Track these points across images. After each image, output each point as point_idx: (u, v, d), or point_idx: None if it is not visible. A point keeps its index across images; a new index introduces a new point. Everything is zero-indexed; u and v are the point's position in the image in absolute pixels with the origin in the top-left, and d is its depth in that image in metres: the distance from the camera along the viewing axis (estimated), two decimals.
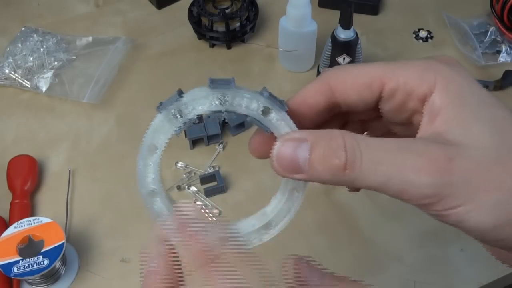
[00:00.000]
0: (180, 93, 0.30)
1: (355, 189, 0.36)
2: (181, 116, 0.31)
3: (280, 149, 0.28)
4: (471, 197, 0.26)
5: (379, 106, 0.31)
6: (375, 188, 0.27)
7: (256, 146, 0.31)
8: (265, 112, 0.29)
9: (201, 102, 0.30)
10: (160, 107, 0.31)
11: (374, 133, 0.34)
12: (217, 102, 0.30)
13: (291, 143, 0.27)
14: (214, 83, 0.30)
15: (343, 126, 0.34)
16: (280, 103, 0.29)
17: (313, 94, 0.31)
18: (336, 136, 0.27)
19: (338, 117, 0.32)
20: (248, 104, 0.29)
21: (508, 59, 0.67)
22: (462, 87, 0.28)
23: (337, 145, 0.27)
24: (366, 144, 0.27)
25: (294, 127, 0.29)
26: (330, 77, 0.31)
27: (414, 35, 0.72)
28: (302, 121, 0.31)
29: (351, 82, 0.30)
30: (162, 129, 0.32)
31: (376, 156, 0.26)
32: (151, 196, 0.32)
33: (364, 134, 0.34)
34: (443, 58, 0.30)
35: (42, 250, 0.46)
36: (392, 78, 0.29)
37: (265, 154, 0.29)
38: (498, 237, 0.27)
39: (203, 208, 0.54)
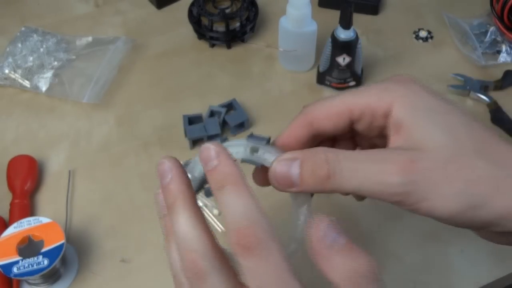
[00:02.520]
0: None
1: (360, 198, 0.42)
2: None
3: (276, 168, 0.33)
4: (433, 191, 0.31)
5: (354, 128, 0.36)
6: (355, 192, 0.33)
7: (257, 179, 0.37)
8: (253, 150, 0.35)
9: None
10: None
11: (362, 147, 0.40)
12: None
13: (285, 162, 0.33)
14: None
15: (334, 144, 0.40)
16: (265, 141, 0.35)
17: (297, 129, 0.37)
18: (320, 153, 0.33)
19: (325, 141, 0.39)
20: (237, 150, 0.35)
21: (508, 59, 0.68)
22: (416, 101, 0.34)
23: (321, 160, 0.33)
24: (344, 157, 0.33)
25: (280, 153, 0.34)
26: (307, 112, 0.37)
27: (414, 35, 0.72)
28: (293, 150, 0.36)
29: (324, 115, 0.36)
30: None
31: (352, 166, 0.32)
32: None
33: (357, 149, 0.40)
34: (399, 78, 0.35)
35: (42, 250, 0.46)
36: (356, 105, 0.35)
37: (266, 183, 0.35)
38: (463, 220, 0.32)
39: (203, 209, 0.54)
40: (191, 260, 0.30)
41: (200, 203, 0.55)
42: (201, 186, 0.36)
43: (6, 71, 0.65)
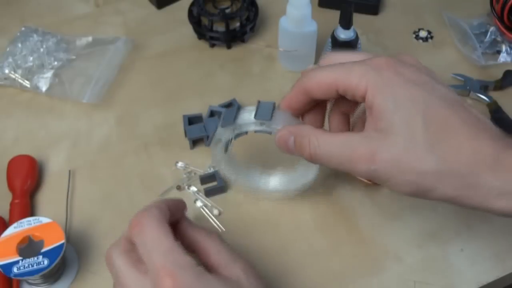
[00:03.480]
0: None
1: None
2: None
3: (279, 139, 0.46)
4: (391, 178, 0.40)
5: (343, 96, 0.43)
6: (334, 169, 0.43)
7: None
8: (262, 124, 0.49)
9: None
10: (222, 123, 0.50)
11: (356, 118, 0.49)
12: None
13: (284, 136, 0.45)
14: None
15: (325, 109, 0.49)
16: (272, 105, 0.48)
17: (295, 95, 0.46)
18: (305, 136, 0.43)
19: (320, 104, 0.48)
20: (250, 127, 0.50)
21: (508, 59, 0.68)
22: (386, 91, 0.39)
23: (304, 143, 0.43)
24: (323, 141, 0.42)
25: (281, 123, 0.47)
26: (303, 82, 0.45)
27: (414, 35, 0.72)
28: (294, 112, 0.47)
29: (316, 86, 0.44)
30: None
31: (328, 152, 0.42)
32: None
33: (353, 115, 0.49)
34: (380, 63, 0.41)
35: (42, 250, 0.46)
36: (340, 84, 0.42)
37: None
38: (419, 197, 0.40)
39: (203, 209, 0.54)
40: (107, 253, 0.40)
41: (200, 203, 0.55)
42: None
43: (6, 71, 0.65)
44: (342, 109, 0.49)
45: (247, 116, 0.49)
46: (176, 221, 0.41)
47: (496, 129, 0.40)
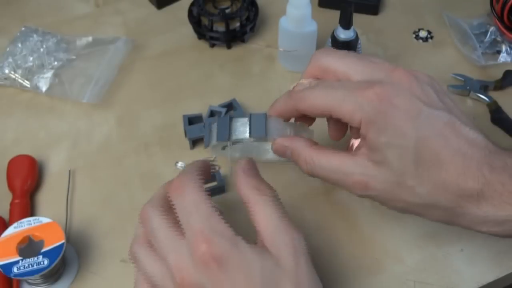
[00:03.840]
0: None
1: None
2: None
3: (277, 150, 0.48)
4: (384, 202, 0.44)
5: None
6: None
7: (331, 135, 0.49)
8: (256, 140, 0.48)
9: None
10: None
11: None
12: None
13: (280, 149, 0.47)
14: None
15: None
16: (264, 116, 0.48)
17: (284, 110, 0.47)
18: (300, 155, 0.45)
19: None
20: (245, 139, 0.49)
21: (508, 59, 0.68)
22: (378, 124, 0.40)
23: (300, 162, 0.45)
24: (318, 161, 0.44)
25: (276, 135, 0.47)
26: (296, 103, 0.45)
27: (414, 35, 0.72)
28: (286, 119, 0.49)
29: (309, 108, 0.44)
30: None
31: (323, 174, 0.44)
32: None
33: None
34: (371, 96, 0.40)
35: (42, 250, 0.46)
36: (333, 112, 0.42)
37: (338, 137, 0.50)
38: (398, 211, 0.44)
39: None
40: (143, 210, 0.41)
41: None
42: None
43: (6, 71, 0.65)
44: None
45: (241, 129, 0.48)
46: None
47: (488, 145, 0.41)
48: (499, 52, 0.68)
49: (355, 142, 0.50)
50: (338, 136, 0.49)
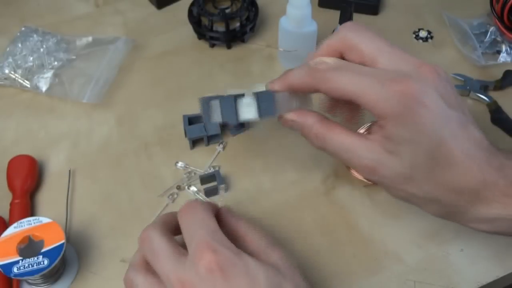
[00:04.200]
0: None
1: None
2: None
3: (286, 122, 0.47)
4: (388, 188, 0.44)
5: None
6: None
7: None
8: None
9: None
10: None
11: None
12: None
13: (288, 123, 0.47)
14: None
15: None
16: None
17: (301, 86, 0.46)
18: (310, 130, 0.45)
19: None
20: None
21: (508, 59, 0.68)
22: (401, 119, 0.40)
23: (311, 137, 0.45)
24: (329, 139, 0.44)
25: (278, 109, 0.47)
26: (317, 82, 0.44)
27: (414, 35, 0.72)
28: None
29: (331, 91, 0.43)
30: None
31: (333, 151, 0.44)
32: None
33: None
34: (404, 89, 0.39)
35: (42, 250, 0.46)
36: (358, 99, 0.41)
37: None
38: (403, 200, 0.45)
39: None
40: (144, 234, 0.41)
41: None
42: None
43: (6, 71, 0.65)
44: None
45: (248, 109, 0.47)
46: (217, 210, 0.44)
47: (489, 146, 0.42)
48: (499, 52, 0.68)
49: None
50: (333, 111, 0.49)
